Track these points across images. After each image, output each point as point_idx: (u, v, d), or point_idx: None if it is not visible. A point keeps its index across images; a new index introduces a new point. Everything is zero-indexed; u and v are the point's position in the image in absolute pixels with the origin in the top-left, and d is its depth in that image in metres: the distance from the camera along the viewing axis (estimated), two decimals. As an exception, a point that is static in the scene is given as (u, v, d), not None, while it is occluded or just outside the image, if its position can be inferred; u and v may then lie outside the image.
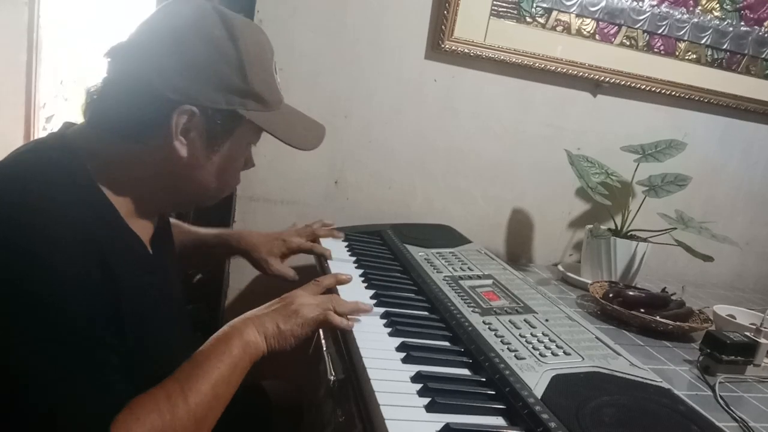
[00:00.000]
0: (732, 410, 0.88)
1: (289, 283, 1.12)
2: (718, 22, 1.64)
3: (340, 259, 1.15)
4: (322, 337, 0.97)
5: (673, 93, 1.65)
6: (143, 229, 0.75)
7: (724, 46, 1.66)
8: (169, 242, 0.89)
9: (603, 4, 1.53)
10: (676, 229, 1.39)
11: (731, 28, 1.65)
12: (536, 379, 0.72)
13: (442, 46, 1.44)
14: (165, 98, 0.67)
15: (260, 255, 1.12)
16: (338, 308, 0.82)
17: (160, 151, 0.70)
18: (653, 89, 1.63)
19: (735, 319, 1.24)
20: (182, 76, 0.67)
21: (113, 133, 0.69)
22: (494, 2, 1.45)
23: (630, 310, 1.18)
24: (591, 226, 1.49)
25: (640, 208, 1.50)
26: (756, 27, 1.67)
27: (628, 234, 1.49)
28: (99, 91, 0.70)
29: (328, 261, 1.13)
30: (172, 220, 1.07)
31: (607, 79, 1.58)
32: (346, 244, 1.27)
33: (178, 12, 0.70)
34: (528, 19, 1.49)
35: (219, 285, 1.51)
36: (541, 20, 1.50)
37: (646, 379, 0.77)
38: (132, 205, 0.72)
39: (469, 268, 1.16)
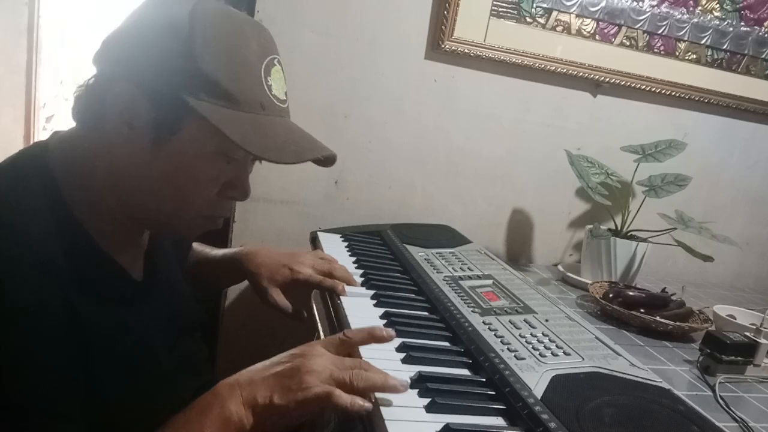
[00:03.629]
0: (732, 410, 0.88)
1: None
2: (718, 23, 1.64)
3: (340, 260, 1.15)
4: (322, 337, 0.97)
5: (673, 93, 1.64)
6: (128, 254, 0.70)
7: (724, 47, 1.66)
8: (170, 263, 0.83)
9: (603, 4, 1.53)
10: (676, 229, 1.39)
11: (731, 29, 1.65)
12: (536, 380, 0.72)
13: (442, 46, 1.44)
14: (108, 74, 0.62)
15: (260, 281, 0.96)
16: (357, 382, 0.63)
17: (105, 140, 0.63)
18: (653, 89, 1.62)
19: (735, 319, 1.24)
20: (127, 52, 0.61)
21: (77, 121, 0.66)
22: (494, 2, 1.45)
23: (630, 310, 1.18)
24: (591, 226, 1.48)
25: (640, 208, 1.50)
26: (756, 27, 1.67)
27: (628, 234, 1.49)
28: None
29: (341, 297, 0.95)
30: (195, 245, 1.02)
31: (607, 79, 1.58)
32: (346, 244, 1.26)
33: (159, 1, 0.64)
34: (528, 19, 1.49)
35: (219, 285, 1.51)
36: (541, 20, 1.50)
37: (646, 379, 0.77)
38: (108, 226, 0.65)
39: (469, 268, 1.16)
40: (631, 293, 1.24)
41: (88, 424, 0.58)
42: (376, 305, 0.94)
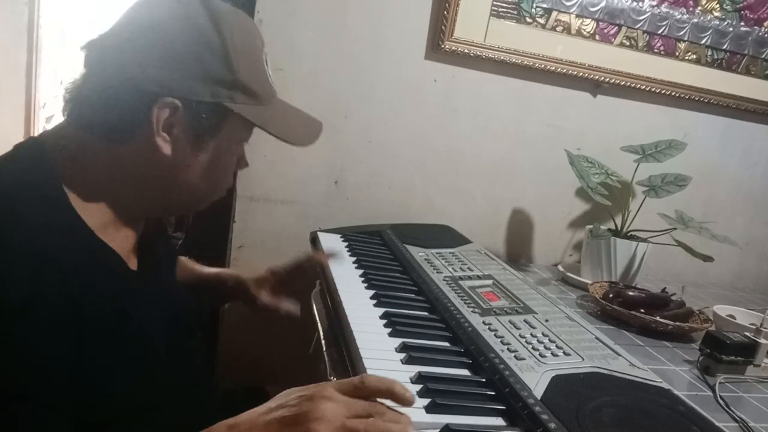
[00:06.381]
0: (732, 410, 0.88)
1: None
2: (718, 23, 1.64)
3: (341, 260, 1.15)
4: (322, 337, 0.97)
5: (673, 93, 1.64)
6: (124, 243, 0.70)
7: (724, 47, 1.66)
8: (162, 258, 0.83)
9: (603, 4, 1.53)
10: (676, 229, 1.39)
11: (731, 29, 1.65)
12: (536, 380, 0.72)
13: (442, 46, 1.44)
14: (144, 91, 0.62)
15: (247, 293, 1.02)
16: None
17: (142, 151, 0.65)
18: (653, 89, 1.62)
19: (735, 319, 1.24)
20: (162, 67, 0.63)
21: (93, 133, 0.64)
22: (494, 2, 1.45)
23: (630, 310, 1.18)
24: (591, 226, 1.48)
25: (640, 208, 1.50)
26: (756, 27, 1.67)
27: (628, 234, 1.49)
28: (77, 88, 0.65)
29: (332, 270, 1.02)
30: (183, 259, 1.03)
31: (607, 79, 1.58)
32: (346, 244, 1.27)
33: (159, 1, 0.66)
34: (528, 20, 1.49)
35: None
36: (541, 20, 1.50)
37: (646, 379, 0.77)
38: (111, 216, 0.67)
39: (469, 268, 1.16)
40: (631, 293, 1.24)
41: (84, 419, 0.58)
42: (376, 305, 0.94)
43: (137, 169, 0.66)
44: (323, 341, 0.96)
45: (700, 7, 1.61)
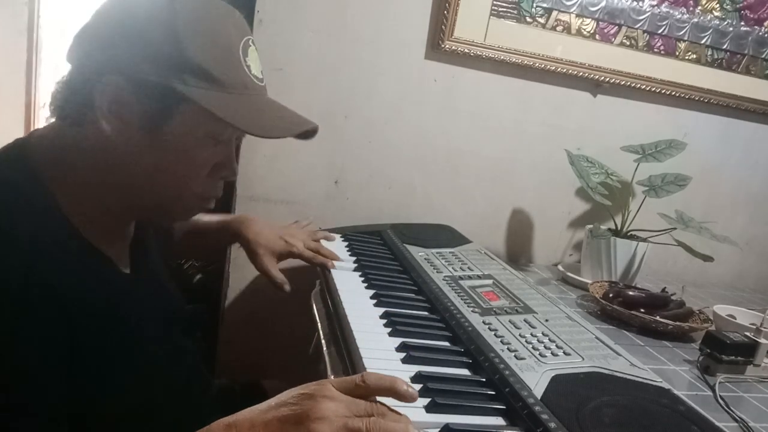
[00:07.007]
0: (732, 410, 0.88)
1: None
2: (718, 22, 1.64)
3: (340, 260, 1.15)
4: (322, 337, 0.97)
5: (673, 93, 1.64)
6: (115, 247, 0.70)
7: (724, 46, 1.66)
8: (154, 257, 0.83)
9: (603, 4, 1.53)
10: (676, 229, 1.39)
11: (731, 28, 1.65)
12: (536, 380, 0.72)
13: (442, 46, 1.44)
14: (90, 68, 0.61)
15: (256, 248, 1.06)
16: None
17: (94, 134, 0.63)
18: (653, 89, 1.62)
19: (735, 319, 1.24)
20: (107, 43, 0.61)
21: (59, 119, 0.64)
22: (494, 2, 1.45)
23: (630, 310, 1.18)
24: (591, 226, 1.48)
25: (640, 208, 1.50)
26: (756, 27, 1.67)
27: (628, 234, 1.49)
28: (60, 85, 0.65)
29: (332, 270, 1.09)
30: None
31: (607, 79, 1.58)
32: (346, 244, 1.27)
33: None
34: (528, 19, 1.49)
35: (219, 285, 1.51)
36: (541, 20, 1.50)
37: (646, 379, 0.77)
38: (97, 218, 0.66)
39: (469, 268, 1.16)
40: (631, 293, 1.23)
41: (84, 419, 0.58)
42: (376, 305, 0.94)
43: (94, 156, 0.64)
44: (323, 341, 0.96)
45: (700, 7, 1.61)
